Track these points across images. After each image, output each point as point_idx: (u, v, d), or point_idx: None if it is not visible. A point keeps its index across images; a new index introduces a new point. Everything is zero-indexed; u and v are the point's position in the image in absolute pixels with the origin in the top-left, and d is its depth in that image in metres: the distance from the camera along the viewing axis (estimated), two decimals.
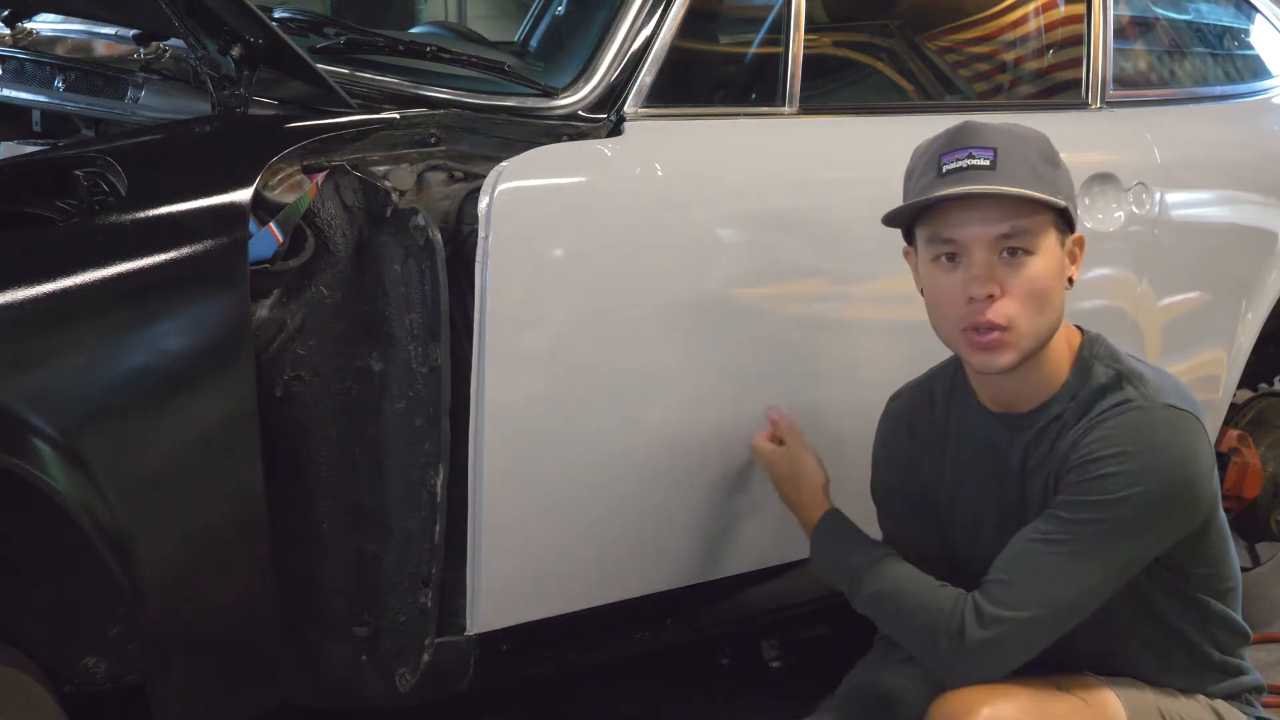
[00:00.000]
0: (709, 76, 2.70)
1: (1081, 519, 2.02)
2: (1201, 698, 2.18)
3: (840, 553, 2.24)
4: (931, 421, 2.26)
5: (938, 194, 2.05)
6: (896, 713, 2.22)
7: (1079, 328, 2.16)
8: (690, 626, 2.66)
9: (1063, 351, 2.12)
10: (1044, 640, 2.04)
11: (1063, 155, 2.16)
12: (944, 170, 2.05)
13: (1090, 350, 2.13)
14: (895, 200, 2.14)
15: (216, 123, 2.25)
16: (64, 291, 1.91)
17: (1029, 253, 2.04)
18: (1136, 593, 2.10)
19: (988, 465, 2.19)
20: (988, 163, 2.03)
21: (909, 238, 2.15)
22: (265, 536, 2.08)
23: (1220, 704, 2.18)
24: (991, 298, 2.03)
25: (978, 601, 2.04)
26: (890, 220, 2.14)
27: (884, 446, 2.33)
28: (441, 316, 2.15)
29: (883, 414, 2.34)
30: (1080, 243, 2.11)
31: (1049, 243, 2.06)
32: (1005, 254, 2.04)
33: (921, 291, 2.14)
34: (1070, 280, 2.10)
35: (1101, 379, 2.09)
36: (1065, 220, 2.08)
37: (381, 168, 2.21)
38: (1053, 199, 2.04)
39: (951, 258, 2.07)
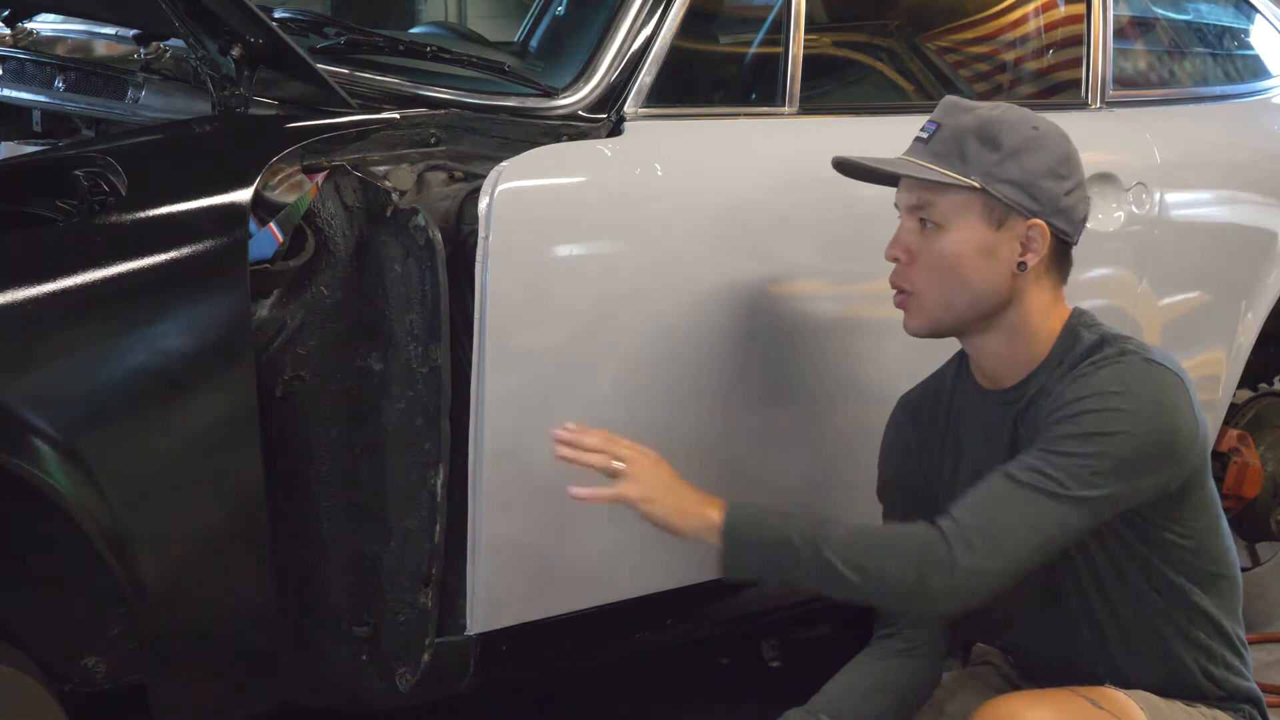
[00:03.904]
0: (709, 76, 2.70)
1: (1058, 453, 2.02)
2: (1203, 708, 2.18)
3: (773, 533, 2.04)
4: (936, 407, 2.28)
5: (836, 157, 2.21)
6: (891, 704, 2.23)
7: (1072, 307, 2.19)
8: (690, 626, 2.66)
9: (1048, 325, 2.15)
10: (1020, 568, 2.01)
11: None
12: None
13: (1078, 320, 2.16)
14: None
15: (216, 123, 2.25)
16: (64, 291, 1.91)
17: (939, 226, 2.11)
18: (1126, 589, 2.12)
19: (982, 445, 2.21)
20: (926, 136, 2.14)
21: None
22: (265, 536, 2.08)
23: (1221, 716, 2.18)
24: (898, 261, 2.14)
25: (964, 530, 1.98)
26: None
27: (888, 443, 2.35)
28: (441, 316, 2.15)
29: (891, 413, 2.35)
30: (1040, 230, 2.10)
31: (965, 220, 2.10)
32: (921, 224, 2.12)
33: None
34: (1022, 265, 2.11)
35: (1086, 343, 2.12)
36: (1005, 202, 2.08)
37: (381, 168, 2.21)
38: (947, 176, 2.08)
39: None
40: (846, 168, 2.23)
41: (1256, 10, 3.65)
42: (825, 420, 2.59)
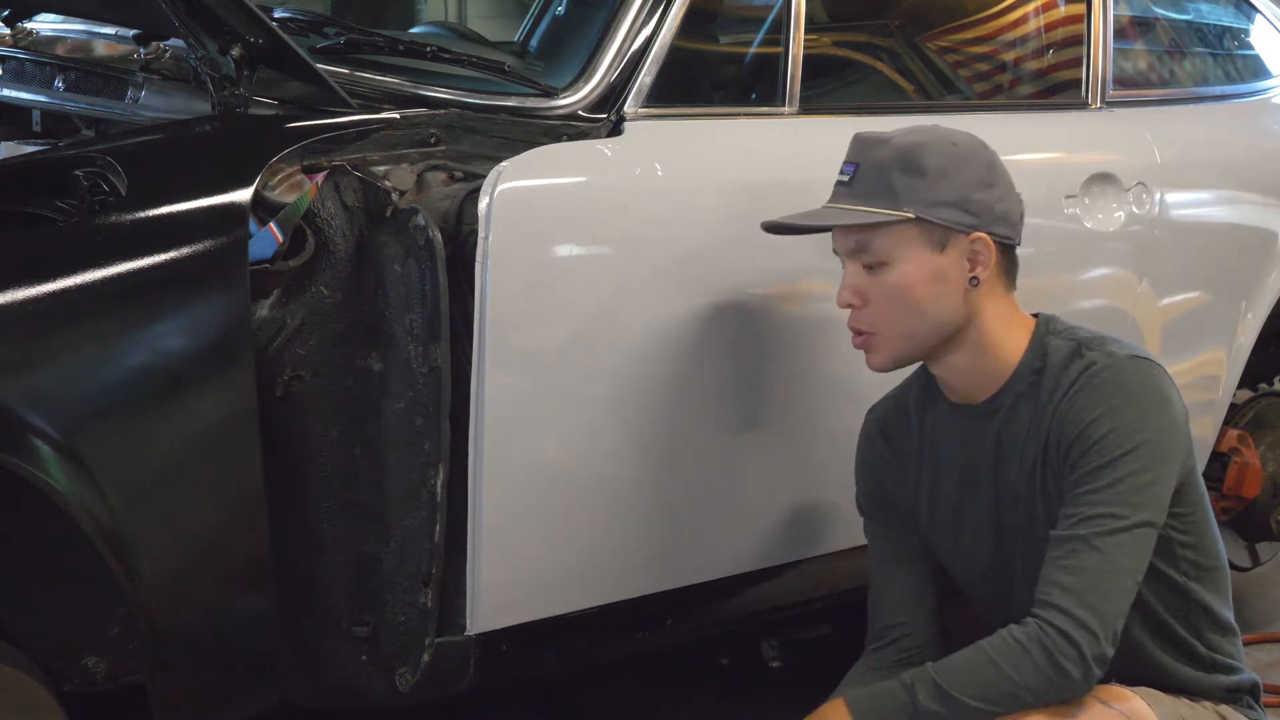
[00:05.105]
0: (709, 76, 2.70)
1: (1102, 486, 2.03)
2: (1208, 704, 2.18)
3: (891, 701, 2.05)
4: (906, 426, 2.28)
5: (766, 222, 2.24)
6: None
7: (1034, 314, 2.19)
8: (690, 626, 2.66)
9: (1011, 334, 2.15)
10: (1128, 606, 2.03)
11: (1063, 155, 2.17)
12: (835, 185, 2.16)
13: (1046, 328, 2.16)
14: None
15: (216, 123, 2.25)
16: (64, 291, 1.91)
17: (884, 264, 2.10)
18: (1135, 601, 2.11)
19: (962, 461, 2.21)
20: (848, 179, 2.14)
21: None
22: (265, 536, 2.08)
23: (1225, 709, 2.19)
24: (852, 306, 2.14)
25: (1072, 615, 1.99)
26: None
27: (863, 456, 2.35)
28: (441, 316, 2.15)
29: (862, 426, 2.35)
30: (984, 242, 2.10)
31: (910, 251, 2.09)
32: (866, 265, 2.12)
33: None
34: (974, 280, 2.11)
35: (1062, 352, 2.12)
36: (944, 224, 2.08)
37: (381, 168, 2.21)
38: (880, 215, 2.07)
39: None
40: (779, 229, 2.23)
41: (1256, 10, 3.64)
42: (829, 418, 2.58)
